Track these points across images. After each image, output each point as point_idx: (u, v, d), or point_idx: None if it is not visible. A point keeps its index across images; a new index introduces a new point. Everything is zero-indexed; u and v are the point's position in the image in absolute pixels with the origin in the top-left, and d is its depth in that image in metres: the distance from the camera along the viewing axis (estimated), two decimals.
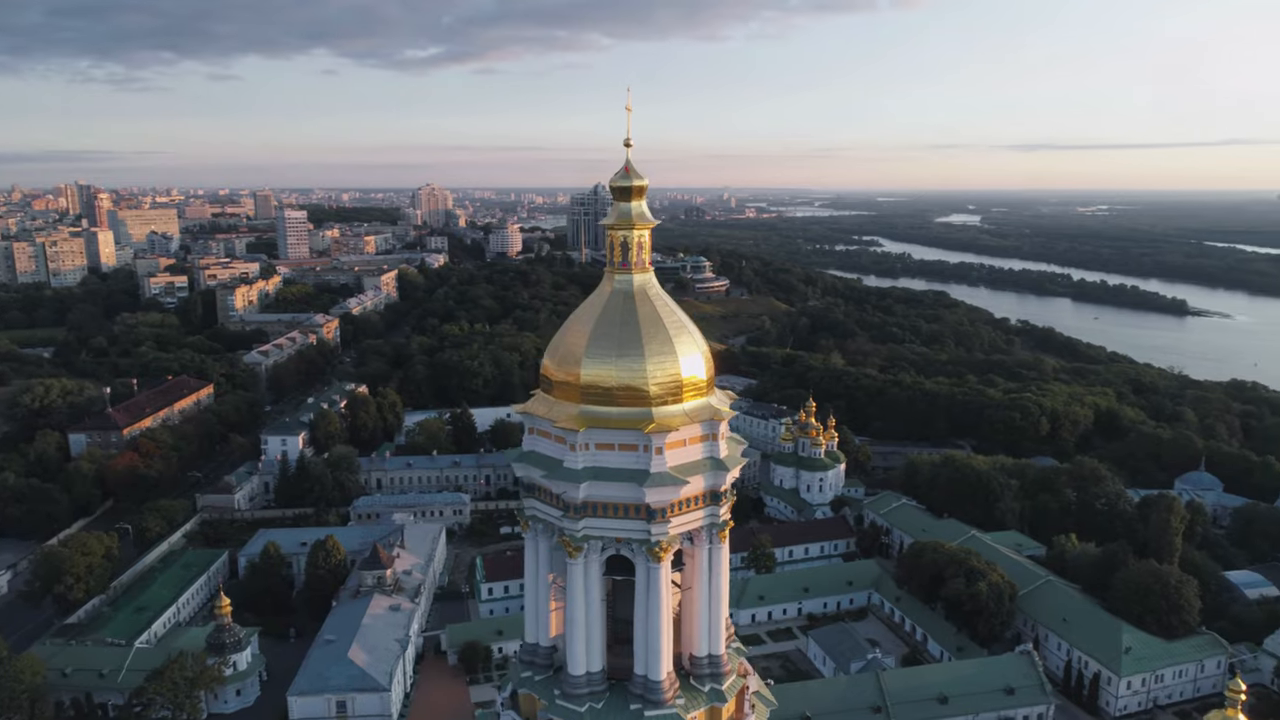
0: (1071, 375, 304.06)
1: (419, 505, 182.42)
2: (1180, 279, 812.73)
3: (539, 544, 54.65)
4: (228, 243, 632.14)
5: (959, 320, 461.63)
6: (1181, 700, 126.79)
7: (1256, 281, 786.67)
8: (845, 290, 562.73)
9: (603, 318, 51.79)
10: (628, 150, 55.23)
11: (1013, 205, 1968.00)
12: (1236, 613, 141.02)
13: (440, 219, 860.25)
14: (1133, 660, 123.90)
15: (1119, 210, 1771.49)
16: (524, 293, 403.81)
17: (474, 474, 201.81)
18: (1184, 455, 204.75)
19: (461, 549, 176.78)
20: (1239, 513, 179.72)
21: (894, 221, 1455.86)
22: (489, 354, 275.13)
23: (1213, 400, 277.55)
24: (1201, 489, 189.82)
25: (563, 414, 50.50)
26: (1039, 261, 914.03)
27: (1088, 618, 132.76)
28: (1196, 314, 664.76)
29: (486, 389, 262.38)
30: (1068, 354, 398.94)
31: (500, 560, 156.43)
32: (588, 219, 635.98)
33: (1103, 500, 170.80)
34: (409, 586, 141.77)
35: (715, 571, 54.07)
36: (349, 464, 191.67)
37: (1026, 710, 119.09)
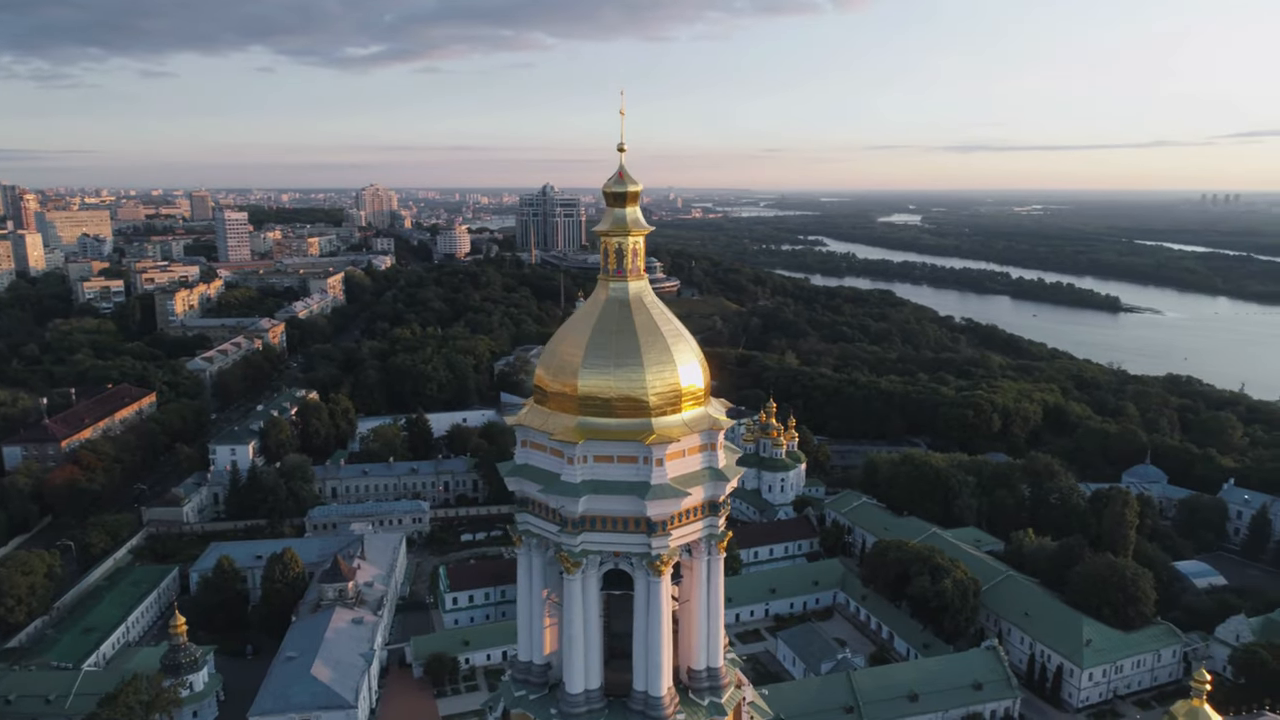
0: (1018, 372, 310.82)
1: (377, 514, 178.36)
2: (1113, 276, 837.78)
3: (532, 559, 53.24)
4: (164, 245, 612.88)
5: (905, 319, 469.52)
6: (1140, 690, 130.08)
7: (1185, 279, 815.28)
8: (794, 290, 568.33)
9: (599, 326, 50.61)
10: (622, 155, 54.12)
11: (951, 205, 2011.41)
12: (1188, 602, 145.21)
13: (385, 220, 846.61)
14: (1094, 652, 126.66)
15: (1053, 210, 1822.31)
16: (475, 295, 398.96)
17: (432, 481, 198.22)
18: (1129, 449, 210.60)
19: (422, 558, 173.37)
20: (1184, 504, 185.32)
21: (838, 221, 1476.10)
22: (442, 358, 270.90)
23: (1152, 395, 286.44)
24: (1148, 482, 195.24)
25: (559, 426, 49.19)
26: (978, 260, 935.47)
27: (1048, 611, 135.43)
28: (1129, 310, 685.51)
29: (441, 393, 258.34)
30: (1011, 351, 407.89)
31: (464, 569, 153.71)
32: (537, 220, 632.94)
33: (1056, 495, 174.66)
34: (371, 599, 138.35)
35: (714, 583, 53.34)
36: (303, 473, 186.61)
37: (994, 705, 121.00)
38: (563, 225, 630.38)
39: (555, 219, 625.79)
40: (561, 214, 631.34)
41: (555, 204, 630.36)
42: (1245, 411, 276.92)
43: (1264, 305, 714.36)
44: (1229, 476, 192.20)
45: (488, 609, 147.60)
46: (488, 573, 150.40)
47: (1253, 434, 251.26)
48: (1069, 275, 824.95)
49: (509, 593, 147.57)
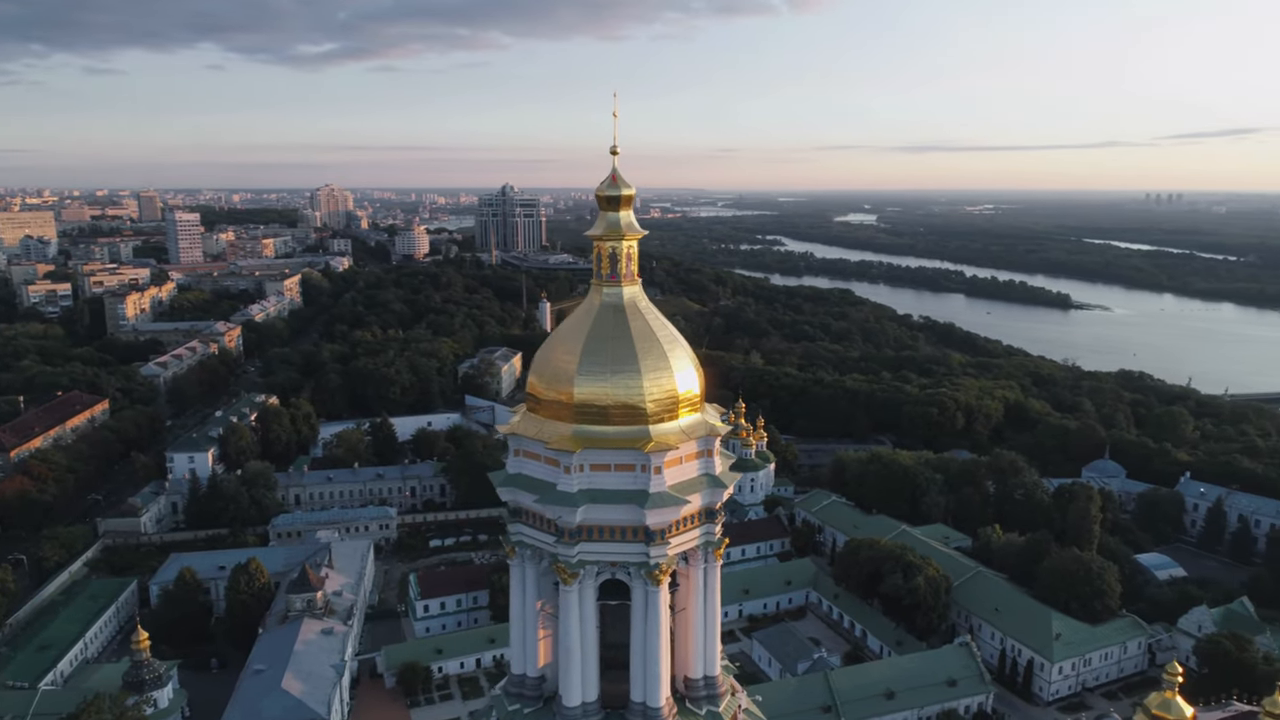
0: (977, 370, 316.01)
1: (343, 521, 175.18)
2: (1063, 274, 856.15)
3: (525, 570, 52.04)
4: (112, 247, 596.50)
5: (865, 318, 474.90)
6: (1107, 681, 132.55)
7: (1132, 276, 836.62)
8: (755, 289, 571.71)
9: (594, 333, 49.74)
10: (614, 158, 53.13)
11: (906, 205, 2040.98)
12: (1151, 594, 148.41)
13: (341, 220, 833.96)
14: (1063, 646, 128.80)
15: (1004, 209, 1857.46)
16: (436, 296, 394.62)
17: (399, 486, 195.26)
18: (1089, 444, 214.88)
19: (390, 565, 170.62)
20: (1143, 498, 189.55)
21: (795, 221, 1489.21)
22: (405, 361, 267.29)
23: (1106, 390, 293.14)
24: (1107, 476, 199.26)
25: (555, 434, 48.17)
26: (933, 259, 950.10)
27: (1018, 607, 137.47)
28: (1080, 307, 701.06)
29: (405, 397, 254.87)
30: (968, 349, 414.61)
31: (435, 576, 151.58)
32: (496, 220, 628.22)
33: (1021, 491, 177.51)
34: (341, 608, 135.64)
35: (710, 591, 52.66)
36: (265, 480, 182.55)
37: (968, 700, 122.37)
38: (523, 225, 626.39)
39: (515, 219, 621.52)
40: (521, 214, 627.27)
41: (515, 204, 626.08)
42: (1195, 406, 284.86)
43: (1207, 302, 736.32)
44: (1185, 470, 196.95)
45: (460, 616, 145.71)
46: (459, 579, 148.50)
47: (1203, 428, 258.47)
48: (1021, 273, 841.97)
49: (481, 599, 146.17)
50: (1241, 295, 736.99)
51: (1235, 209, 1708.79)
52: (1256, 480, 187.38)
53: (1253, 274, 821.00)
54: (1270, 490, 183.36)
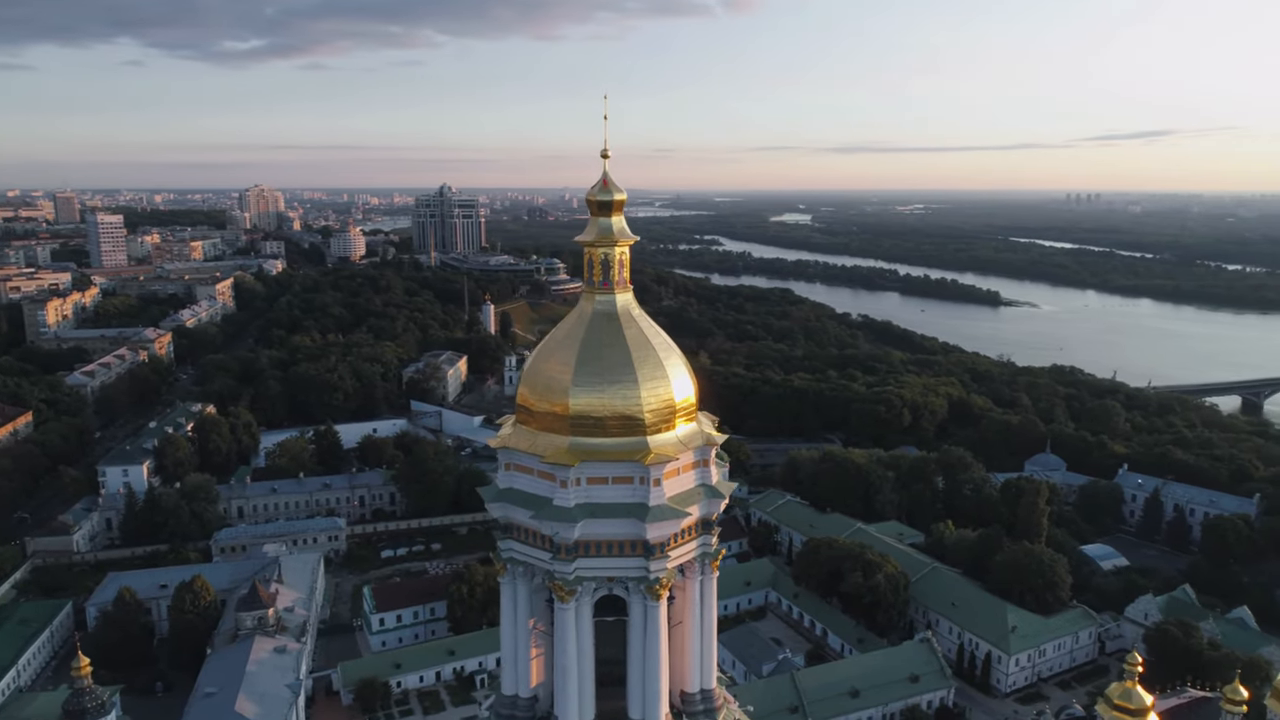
0: (918, 367, 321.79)
1: (290, 534, 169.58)
2: (992, 272, 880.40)
3: (517, 588, 50.48)
4: (28, 250, 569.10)
5: (806, 316, 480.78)
6: (1061, 671, 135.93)
7: (1057, 274, 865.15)
8: (696, 289, 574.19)
9: (588, 342, 48.36)
10: (605, 162, 51.84)
11: (839, 205, 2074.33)
12: (1097, 584, 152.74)
13: (272, 222, 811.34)
14: (1019, 638, 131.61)
15: (933, 209, 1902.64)
16: (376, 299, 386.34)
17: (346, 495, 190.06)
18: (1030, 438, 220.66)
19: (341, 577, 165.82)
20: (1084, 490, 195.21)
21: (732, 221, 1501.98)
22: (348, 366, 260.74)
23: (1041, 385, 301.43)
24: (1049, 470, 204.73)
25: (550, 447, 46.65)
26: (867, 258, 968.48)
27: (974, 601, 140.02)
28: (1009, 304, 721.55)
29: (348, 404, 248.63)
30: (906, 346, 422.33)
31: (390, 588, 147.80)
32: (434, 221, 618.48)
33: (970, 486, 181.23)
34: (293, 625, 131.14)
35: (707, 603, 51.78)
36: (206, 493, 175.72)
37: (930, 695, 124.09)
38: (462, 227, 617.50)
39: (454, 220, 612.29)
40: (460, 215, 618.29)
41: (453, 205, 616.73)
42: (1124, 399, 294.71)
43: (1127, 298, 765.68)
44: (1122, 462, 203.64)
45: (417, 628, 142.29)
46: (415, 591, 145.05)
47: (1133, 420, 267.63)
48: (952, 271, 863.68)
49: (439, 610, 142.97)
50: (1158, 291, 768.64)
51: (1149, 208, 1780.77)
52: (1189, 470, 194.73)
53: (1168, 271, 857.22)
54: (1203, 480, 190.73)
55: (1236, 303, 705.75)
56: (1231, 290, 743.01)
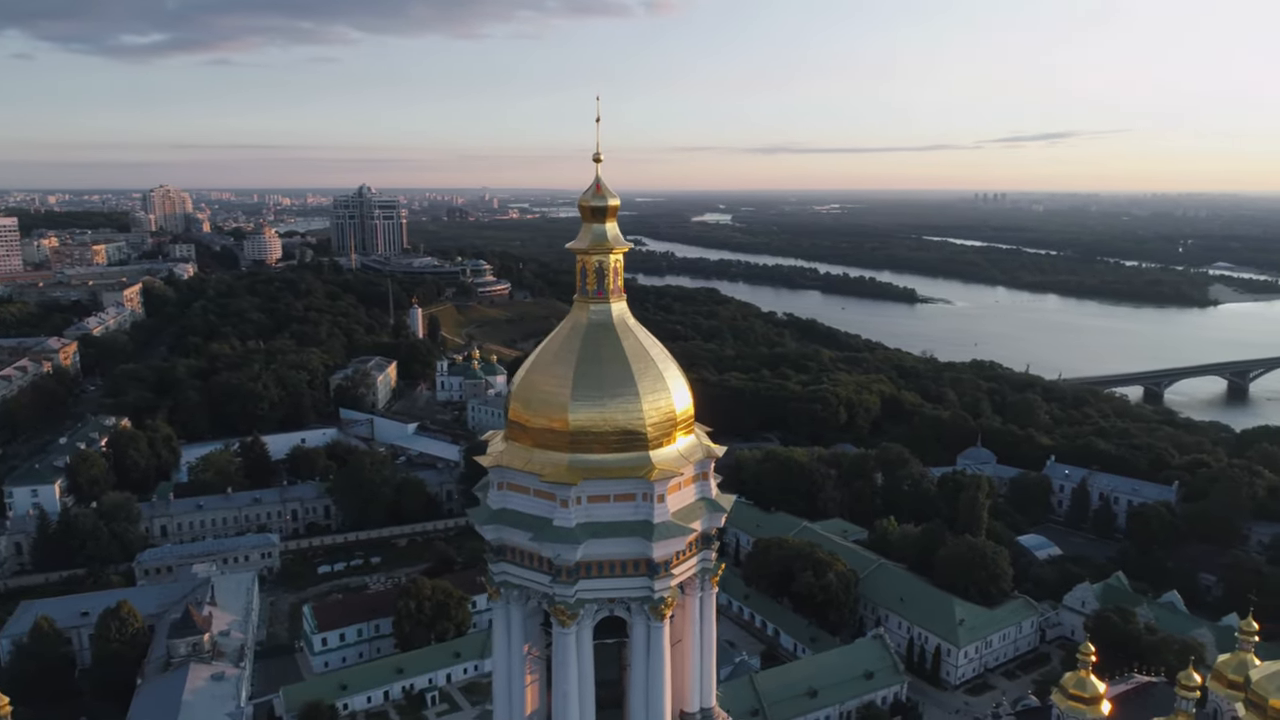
0: (847, 364, 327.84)
1: (220, 552, 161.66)
2: (907, 270, 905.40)
3: (511, 613, 48.29)
4: None
5: (733, 316, 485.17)
6: (1006, 661, 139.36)
7: (968, 271, 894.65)
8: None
9: (585, 354, 46.49)
10: (598, 166, 50.10)
11: (759, 204, 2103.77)
12: (1035, 574, 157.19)
13: (180, 224, 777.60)
14: (967, 631, 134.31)
15: (849, 208, 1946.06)
16: (297, 304, 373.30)
17: (278, 510, 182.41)
18: (961, 433, 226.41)
19: (276, 596, 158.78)
20: (1014, 482, 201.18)
21: (654, 221, 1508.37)
22: (272, 374, 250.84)
23: (965, 380, 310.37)
24: (980, 463, 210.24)
25: (548, 465, 44.61)
26: (787, 257, 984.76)
27: (921, 596, 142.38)
28: (924, 301, 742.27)
29: (274, 413, 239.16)
30: (831, 343, 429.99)
31: (331, 606, 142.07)
32: (353, 222, 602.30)
33: (908, 482, 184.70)
34: (230, 649, 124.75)
35: (706, 620, 50.52)
36: (126, 512, 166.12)
37: (884, 692, 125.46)
38: (383, 228, 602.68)
39: (374, 221, 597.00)
40: (381, 216, 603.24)
41: (374, 205, 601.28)
42: (1042, 392, 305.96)
43: (1034, 293, 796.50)
44: (1048, 454, 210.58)
45: (361, 647, 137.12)
46: (358, 608, 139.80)
47: (1052, 412, 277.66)
48: (869, 269, 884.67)
49: (384, 627, 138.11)
50: (1063, 287, 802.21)
51: (1051, 207, 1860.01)
52: (1112, 460, 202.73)
53: (1071, 267, 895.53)
54: (1124, 469, 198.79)
55: (1135, 297, 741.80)
56: (1130, 285, 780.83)
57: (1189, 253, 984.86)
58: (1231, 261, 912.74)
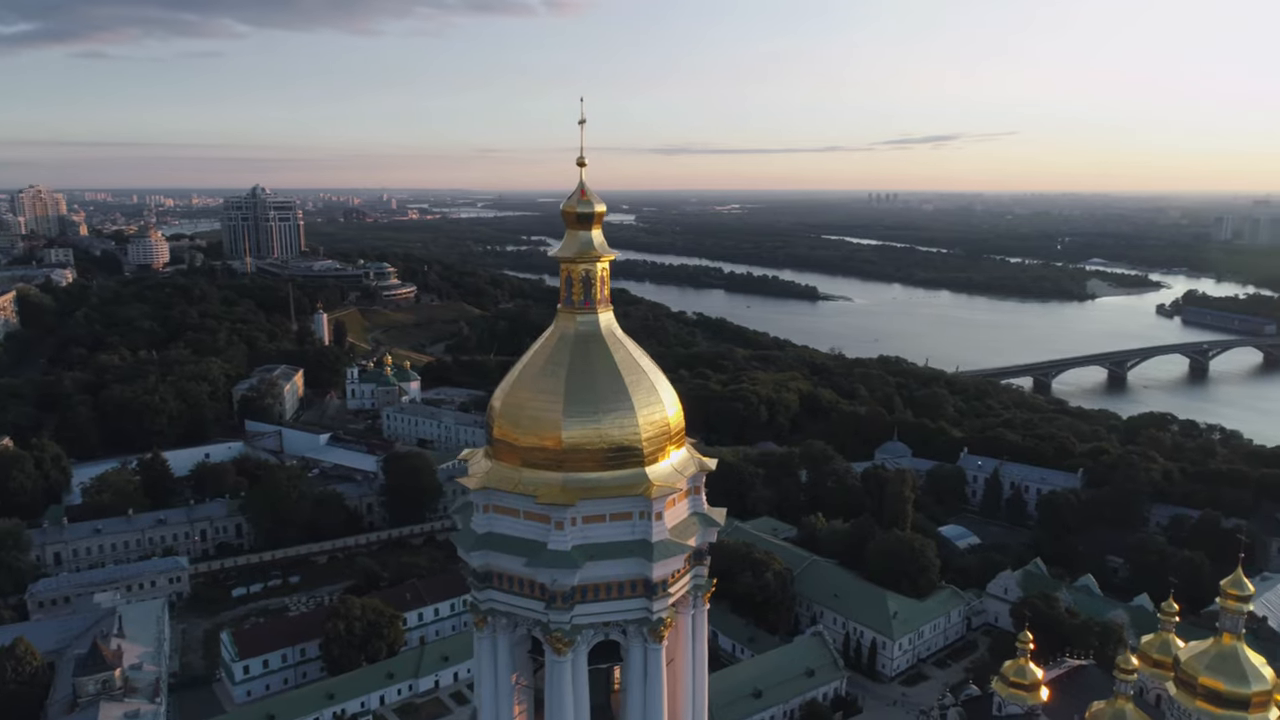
0: (761, 363, 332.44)
1: (124, 579, 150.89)
2: (808, 268, 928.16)
3: (498, 642, 45.86)
4: None
5: (644, 316, 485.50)
6: (937, 651, 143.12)
7: (866, 269, 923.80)
8: (533, 292, 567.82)
9: (575, 368, 44.54)
10: (582, 170, 48.11)
11: (661, 205, 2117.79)
12: (958, 564, 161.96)
13: (53, 227, 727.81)
14: (900, 623, 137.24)
15: (750, 208, 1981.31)
16: (191, 311, 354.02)
17: (185, 531, 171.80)
18: (878, 428, 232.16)
19: (188, 623, 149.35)
20: (930, 474, 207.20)
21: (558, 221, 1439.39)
22: (170, 386, 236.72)
23: (874, 376, 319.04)
24: (897, 457, 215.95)
25: (541, 486, 42.47)
26: (691, 256, 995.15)
27: (855, 591, 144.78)
28: (825, 299, 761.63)
29: (174, 428, 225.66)
30: (741, 342, 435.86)
31: (252, 631, 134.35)
32: (247, 224, 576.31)
33: (833, 478, 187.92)
34: (144, 684, 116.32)
35: (699, 637, 49.24)
36: (15, 540, 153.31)
37: (825, 688, 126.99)
38: (279, 230, 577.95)
39: (270, 223, 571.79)
40: (276, 218, 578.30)
41: (269, 207, 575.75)
42: (946, 385, 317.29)
43: (928, 290, 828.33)
44: (961, 446, 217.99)
45: (286, 673, 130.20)
46: (282, 632, 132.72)
47: (957, 405, 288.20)
48: (771, 268, 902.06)
49: (310, 651, 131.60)
50: (954, 283, 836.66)
51: (939, 207, 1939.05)
52: (1020, 450, 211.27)
53: (961, 265, 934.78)
54: (1032, 459, 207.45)
55: (1020, 292, 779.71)
56: (1015, 281, 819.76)
57: (1066, 250, 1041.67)
58: (1105, 258, 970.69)
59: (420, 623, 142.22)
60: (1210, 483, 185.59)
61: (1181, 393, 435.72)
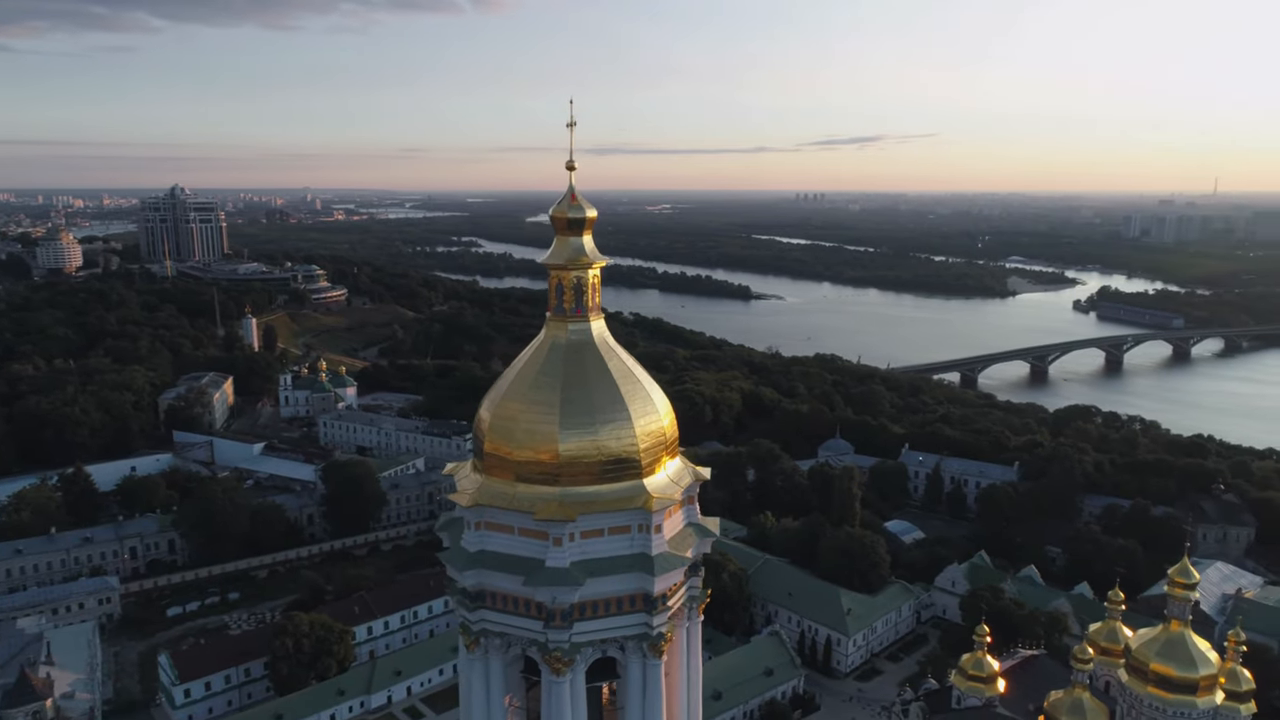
0: (701, 363, 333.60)
1: (49, 602, 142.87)
2: (740, 268, 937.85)
3: (490, 665, 44.37)
4: None
5: None
6: (889, 645, 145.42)
7: (796, 268, 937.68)
8: (467, 293, 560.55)
9: (571, 377, 43.50)
10: (571, 175, 47.04)
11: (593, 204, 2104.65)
12: (905, 559, 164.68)
13: None
14: (854, 620, 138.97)
15: (681, 208, 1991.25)
16: (109, 318, 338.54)
17: (114, 549, 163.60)
18: (820, 426, 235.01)
19: (121, 646, 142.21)
20: (873, 471, 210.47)
21: (488, 222, 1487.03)
22: (91, 396, 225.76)
23: (812, 374, 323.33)
24: (840, 454, 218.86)
25: (538, 502, 41.25)
26: (625, 256, 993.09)
27: (808, 589, 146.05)
28: (759, 298, 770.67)
29: (96, 440, 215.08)
30: (679, 342, 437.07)
31: (193, 652, 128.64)
32: (165, 226, 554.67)
33: (780, 477, 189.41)
34: (77, 714, 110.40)
35: (694, 649, 48.65)
36: None
37: (783, 687, 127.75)
38: (200, 232, 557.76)
39: (190, 225, 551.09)
40: (197, 219, 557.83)
41: (189, 208, 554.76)
42: (882, 381, 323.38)
43: (857, 288, 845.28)
44: (902, 443, 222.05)
45: (230, 695, 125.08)
46: (226, 651, 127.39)
47: (893, 401, 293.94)
48: (704, 268, 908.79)
49: (255, 670, 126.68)
50: (882, 282, 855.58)
51: (866, 207, 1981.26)
52: (958, 445, 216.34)
53: (888, 263, 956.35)
54: (970, 453, 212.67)
55: (945, 290, 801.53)
56: (940, 279, 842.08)
57: (987, 248, 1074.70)
58: (1023, 256, 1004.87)
59: (370, 637, 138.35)
60: (1138, 473, 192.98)
61: (1099, 385, 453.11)
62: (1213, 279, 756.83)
